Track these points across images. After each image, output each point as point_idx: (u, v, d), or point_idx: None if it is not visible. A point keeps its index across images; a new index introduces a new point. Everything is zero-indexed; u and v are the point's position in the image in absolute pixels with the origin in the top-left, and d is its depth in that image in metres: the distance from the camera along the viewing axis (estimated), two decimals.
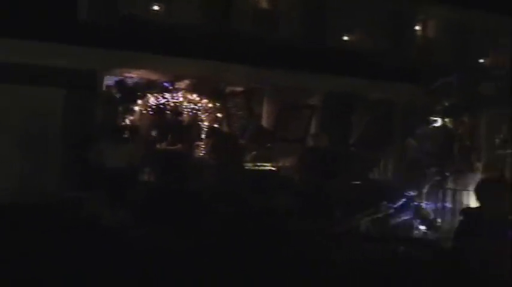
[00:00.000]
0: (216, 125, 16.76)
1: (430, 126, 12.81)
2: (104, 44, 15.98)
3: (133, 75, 17.36)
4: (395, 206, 12.14)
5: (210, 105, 16.77)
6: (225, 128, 17.53)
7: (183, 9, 18.39)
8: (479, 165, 12.02)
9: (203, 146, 16.51)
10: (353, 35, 21.92)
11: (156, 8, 18.30)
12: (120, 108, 16.50)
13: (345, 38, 21.72)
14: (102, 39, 16.05)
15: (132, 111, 16.25)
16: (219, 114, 17.00)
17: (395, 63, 20.48)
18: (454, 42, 23.18)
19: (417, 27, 23.38)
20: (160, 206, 11.48)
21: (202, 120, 16.89)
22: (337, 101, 20.00)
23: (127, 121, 16.07)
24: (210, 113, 16.81)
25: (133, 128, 15.50)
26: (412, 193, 12.06)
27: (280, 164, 16.59)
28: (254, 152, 16.58)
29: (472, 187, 11.70)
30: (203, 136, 16.78)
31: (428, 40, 23.65)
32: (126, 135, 14.65)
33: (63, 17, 16.01)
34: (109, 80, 17.11)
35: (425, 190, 11.95)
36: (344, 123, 20.33)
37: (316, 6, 20.69)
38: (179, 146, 15.85)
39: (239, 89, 18.94)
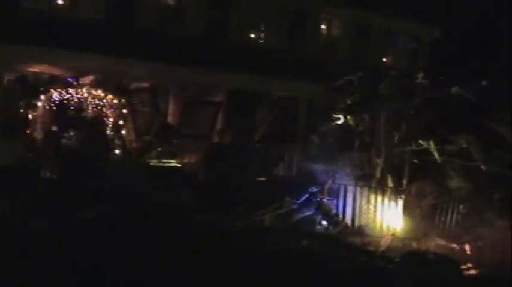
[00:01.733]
0: (120, 121, 16.60)
1: (332, 124, 13.14)
2: (5, 37, 15.59)
3: (36, 70, 16.99)
4: (299, 201, 12.37)
5: (115, 101, 16.59)
6: (130, 124, 17.39)
7: (88, 5, 18.10)
8: (379, 161, 12.42)
9: (106, 141, 16.32)
10: (257, 32, 22.22)
11: (60, 2, 17.93)
12: (22, 104, 16.10)
13: (250, 35, 21.97)
14: (2, 32, 15.64)
15: (35, 107, 15.88)
16: (124, 110, 16.84)
17: (299, 61, 20.93)
18: (356, 42, 23.88)
19: (322, 26, 23.91)
20: (58, 203, 11.23)
21: (107, 116, 16.70)
22: (241, 98, 20.25)
23: (29, 116, 15.69)
24: (115, 109, 16.63)
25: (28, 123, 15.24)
26: (314, 189, 12.33)
27: (185, 160, 16.64)
28: (159, 148, 16.55)
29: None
30: (107, 132, 16.59)
31: (332, 39, 24.24)
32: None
33: None
34: (10, 75, 16.68)
35: (327, 186, 12.26)
36: (248, 119, 20.59)
37: (221, 4, 20.81)
38: (82, 141, 15.61)
39: (144, 85, 18.87)
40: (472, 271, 9.16)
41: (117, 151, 16.31)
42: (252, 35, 22.24)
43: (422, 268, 8.40)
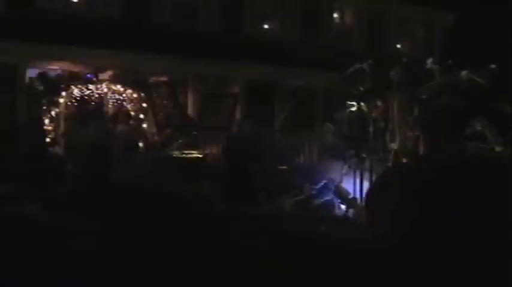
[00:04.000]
0: (141, 115, 17.00)
1: (346, 111, 13.48)
2: (25, 37, 16.06)
3: (56, 68, 17.47)
4: (318, 187, 12.73)
5: (135, 95, 17.00)
6: (151, 117, 17.78)
7: (104, 1, 18.59)
8: (393, 145, 12.73)
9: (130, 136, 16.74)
10: (272, 23, 22.52)
11: (76, 0, 18.40)
12: (44, 101, 16.54)
13: (264, 26, 22.29)
14: (22, 32, 16.11)
15: (57, 103, 16.33)
16: (144, 104, 17.26)
17: (314, 50, 21.20)
18: (370, 29, 24.10)
19: (335, 15, 24.15)
20: (86, 197, 11.65)
21: (127, 110, 17.10)
22: (258, 89, 20.60)
23: (52, 113, 16.12)
24: (135, 103, 17.04)
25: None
26: (332, 175, 12.70)
27: (206, 151, 17.04)
28: (180, 140, 16.94)
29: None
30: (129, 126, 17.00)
31: (346, 27, 24.47)
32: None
33: None
34: (32, 73, 17.18)
35: (344, 171, 12.62)
36: (266, 109, 20.95)
37: None
38: (105, 135, 16.04)
39: (163, 79, 19.26)
40: None
41: (140, 144, 16.69)
42: (267, 26, 22.55)
43: None
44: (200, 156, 16.27)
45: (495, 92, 12.86)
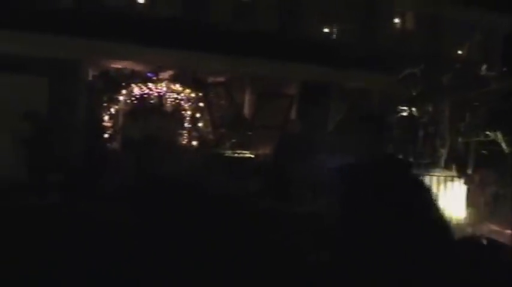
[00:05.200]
0: (197, 114, 17.38)
1: (398, 115, 13.57)
2: (89, 34, 16.59)
3: (118, 66, 17.99)
4: None
5: (193, 95, 17.37)
6: (207, 117, 18.15)
7: (166, 2, 19.04)
8: (443, 151, 12.77)
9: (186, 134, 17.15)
10: (329, 24, 22.57)
11: (140, 0, 18.90)
12: (105, 98, 17.09)
13: (321, 28, 22.38)
14: (87, 29, 16.65)
15: (118, 101, 16.86)
16: (201, 104, 17.62)
17: (371, 53, 21.17)
18: (428, 33, 23.90)
19: (393, 17, 24.06)
20: (138, 191, 12.03)
21: (185, 110, 17.50)
22: (313, 90, 20.69)
23: (111, 110, 16.66)
24: (192, 102, 17.41)
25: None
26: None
27: (260, 151, 17.30)
28: (233, 140, 17.26)
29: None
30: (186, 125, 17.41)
31: (404, 30, 24.34)
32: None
33: (45, 8, 16.58)
34: (94, 71, 17.74)
35: None
36: (321, 111, 21.02)
37: None
38: (162, 134, 16.48)
39: (220, 79, 19.60)
40: None
41: (194, 143, 17.08)
42: (324, 28, 22.62)
43: (474, 251, 8.77)
44: (252, 156, 16.54)
45: None
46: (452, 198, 12.16)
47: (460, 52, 23.46)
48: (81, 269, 7.86)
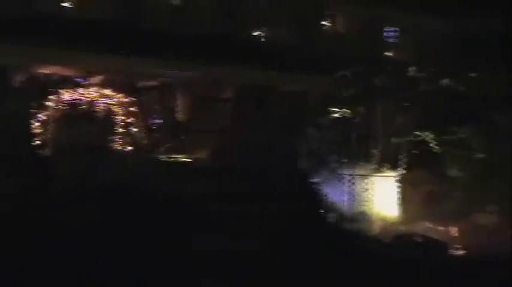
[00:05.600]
0: (130, 119, 17.10)
1: (330, 117, 13.64)
2: (16, 39, 16.15)
3: (47, 71, 17.56)
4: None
5: (125, 99, 17.09)
6: (140, 122, 17.86)
7: (96, 6, 18.66)
8: (376, 151, 12.89)
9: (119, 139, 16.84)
10: (265, 28, 22.57)
11: (68, 4, 18.48)
12: (33, 104, 16.63)
13: (257, 31, 22.36)
14: (13, 34, 16.20)
15: (46, 107, 16.44)
16: (133, 109, 17.35)
17: (307, 56, 21.28)
18: (362, 36, 24.16)
19: (328, 21, 24.23)
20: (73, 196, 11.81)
21: (117, 115, 17.18)
22: (250, 93, 20.66)
23: (41, 117, 16.24)
24: (125, 107, 17.13)
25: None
26: (315, 179, 12.85)
27: (196, 155, 17.12)
28: (169, 144, 17.05)
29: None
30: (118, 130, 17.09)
31: (339, 34, 24.54)
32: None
33: None
34: (22, 77, 17.28)
35: (326, 176, 12.76)
36: (258, 114, 21.00)
37: (229, 1, 21.21)
38: (94, 139, 16.14)
39: (154, 83, 19.36)
40: (459, 252, 9.63)
41: (128, 148, 16.78)
42: (260, 31, 22.61)
43: (410, 249, 8.89)
44: (187, 160, 16.37)
45: (480, 99, 13.02)
46: (386, 197, 12.32)
47: (391, 54, 23.88)
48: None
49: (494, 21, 22.40)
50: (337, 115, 13.48)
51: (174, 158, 16.54)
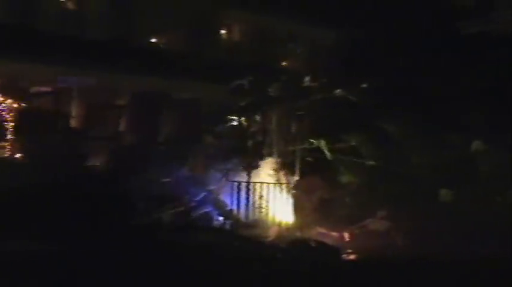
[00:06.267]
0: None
1: (227, 125, 13.79)
2: None
3: None
4: (197, 199, 12.95)
5: (15, 105, 16.62)
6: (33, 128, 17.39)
7: None
8: (271, 159, 13.13)
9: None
10: (161, 36, 22.55)
11: None
12: None
13: (153, 38, 22.32)
14: None
15: None
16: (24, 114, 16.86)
17: (202, 64, 21.38)
18: (258, 44, 24.54)
19: (224, 30, 24.47)
20: None
21: (7, 121, 16.68)
22: (145, 101, 20.55)
23: None
24: (15, 113, 16.64)
25: None
26: (211, 187, 12.96)
27: (90, 162, 16.85)
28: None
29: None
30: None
31: (234, 42, 24.82)
32: None
33: None
34: None
35: (222, 184, 12.90)
36: (153, 121, 20.90)
37: (124, 7, 21.05)
38: None
39: (46, 89, 18.93)
40: (350, 256, 9.98)
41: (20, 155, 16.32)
42: (155, 39, 22.57)
43: (304, 253, 9.14)
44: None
45: (372, 109, 13.49)
46: (280, 204, 12.59)
47: (286, 64, 24.36)
48: None
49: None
50: (233, 123, 13.62)
51: None
